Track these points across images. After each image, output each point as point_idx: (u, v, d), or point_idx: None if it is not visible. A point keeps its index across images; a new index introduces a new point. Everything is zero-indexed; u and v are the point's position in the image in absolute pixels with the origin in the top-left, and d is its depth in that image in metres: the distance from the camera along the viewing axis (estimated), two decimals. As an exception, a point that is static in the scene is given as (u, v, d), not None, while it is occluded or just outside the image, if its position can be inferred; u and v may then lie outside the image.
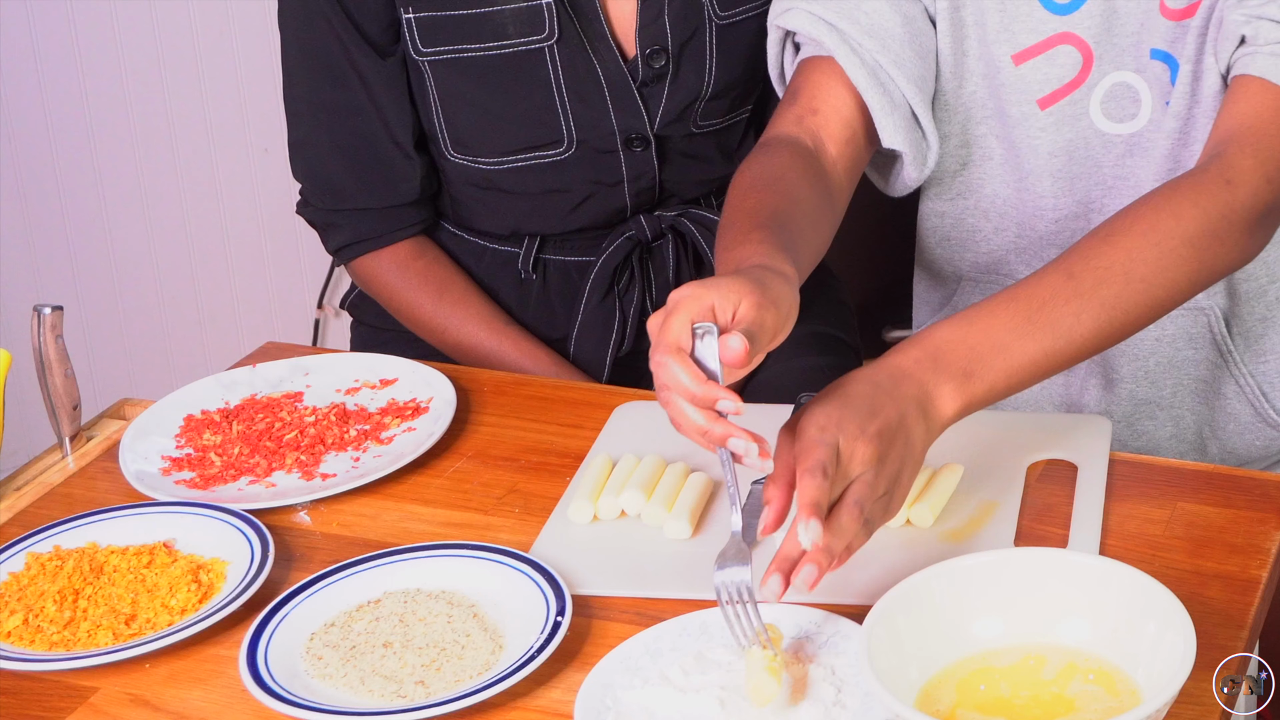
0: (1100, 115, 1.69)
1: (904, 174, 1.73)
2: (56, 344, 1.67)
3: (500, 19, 1.87)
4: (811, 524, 1.27)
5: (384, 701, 1.33)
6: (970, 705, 1.25)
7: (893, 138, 1.68)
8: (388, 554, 1.49)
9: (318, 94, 1.95)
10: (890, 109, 1.68)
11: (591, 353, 2.00)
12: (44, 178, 3.10)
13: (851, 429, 1.32)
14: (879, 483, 1.33)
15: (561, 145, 1.92)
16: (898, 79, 1.68)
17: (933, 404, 1.37)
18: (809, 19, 1.69)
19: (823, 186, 1.65)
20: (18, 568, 1.52)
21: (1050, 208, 1.75)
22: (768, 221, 1.51)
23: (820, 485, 1.29)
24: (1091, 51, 1.68)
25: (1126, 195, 1.71)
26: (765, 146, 1.67)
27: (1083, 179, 1.73)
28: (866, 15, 1.68)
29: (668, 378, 1.33)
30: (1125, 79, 1.67)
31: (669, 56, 1.90)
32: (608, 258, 1.97)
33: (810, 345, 1.99)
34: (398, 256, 1.99)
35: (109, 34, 2.97)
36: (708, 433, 1.33)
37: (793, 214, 1.55)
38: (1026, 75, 1.70)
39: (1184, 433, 1.79)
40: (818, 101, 1.69)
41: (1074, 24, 1.68)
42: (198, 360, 3.11)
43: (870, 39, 1.67)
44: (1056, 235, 1.76)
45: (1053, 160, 1.72)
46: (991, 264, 1.81)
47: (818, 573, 1.28)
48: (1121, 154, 1.70)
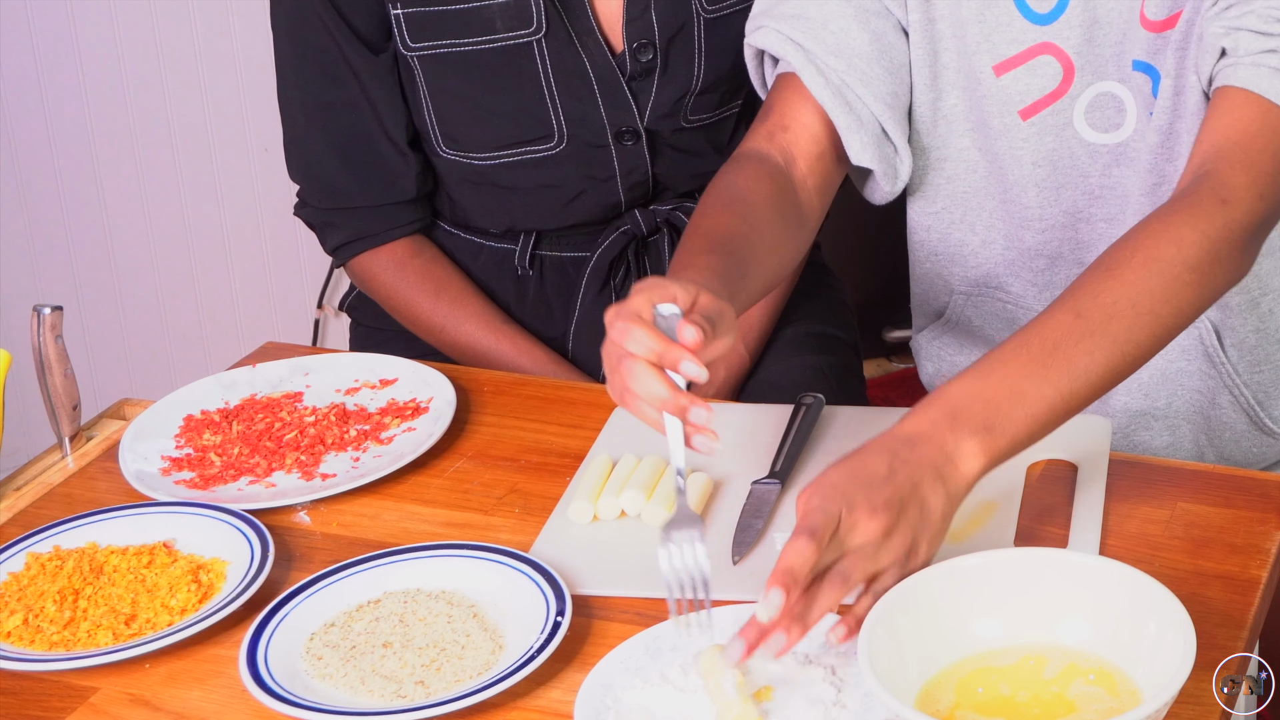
0: (1085, 125, 1.68)
1: (877, 186, 1.73)
2: (56, 344, 1.67)
3: (488, 13, 1.87)
4: (773, 594, 1.24)
5: (384, 701, 1.33)
6: (970, 705, 1.25)
7: (860, 155, 1.69)
8: (388, 554, 1.49)
9: (311, 92, 1.95)
10: (857, 127, 1.68)
11: (589, 348, 2.00)
12: (44, 178, 3.10)
13: (859, 500, 1.29)
14: (881, 556, 1.30)
15: (552, 140, 1.93)
16: (865, 97, 1.68)
17: (954, 466, 1.34)
18: (777, 37, 1.70)
19: (788, 206, 1.65)
20: (18, 568, 1.52)
21: (1036, 218, 1.74)
22: (718, 246, 1.51)
23: (801, 552, 1.26)
24: (1072, 62, 1.67)
25: (1113, 204, 1.70)
26: (736, 161, 1.67)
27: (1069, 188, 1.72)
28: (833, 34, 1.68)
29: (630, 342, 1.32)
30: (1110, 89, 1.67)
31: (657, 50, 1.91)
32: (603, 252, 1.98)
33: (810, 345, 2.00)
34: (395, 255, 1.99)
35: (109, 34, 2.97)
36: (669, 402, 1.32)
37: (749, 238, 1.56)
38: (1008, 86, 1.69)
39: (1180, 442, 1.79)
40: (788, 119, 1.69)
41: (1054, 34, 1.67)
42: (198, 360, 3.11)
43: (836, 58, 1.67)
44: (1044, 246, 1.75)
45: (1037, 170, 1.72)
46: (981, 277, 1.80)
47: (786, 641, 1.26)
48: (1108, 164, 1.70)
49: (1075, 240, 1.74)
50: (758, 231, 1.58)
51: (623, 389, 1.35)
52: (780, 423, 1.63)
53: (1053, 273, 1.76)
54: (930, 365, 1.91)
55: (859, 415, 1.66)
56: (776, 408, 1.65)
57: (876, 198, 1.76)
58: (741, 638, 1.26)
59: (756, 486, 1.54)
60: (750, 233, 1.56)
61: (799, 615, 1.26)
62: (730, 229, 1.55)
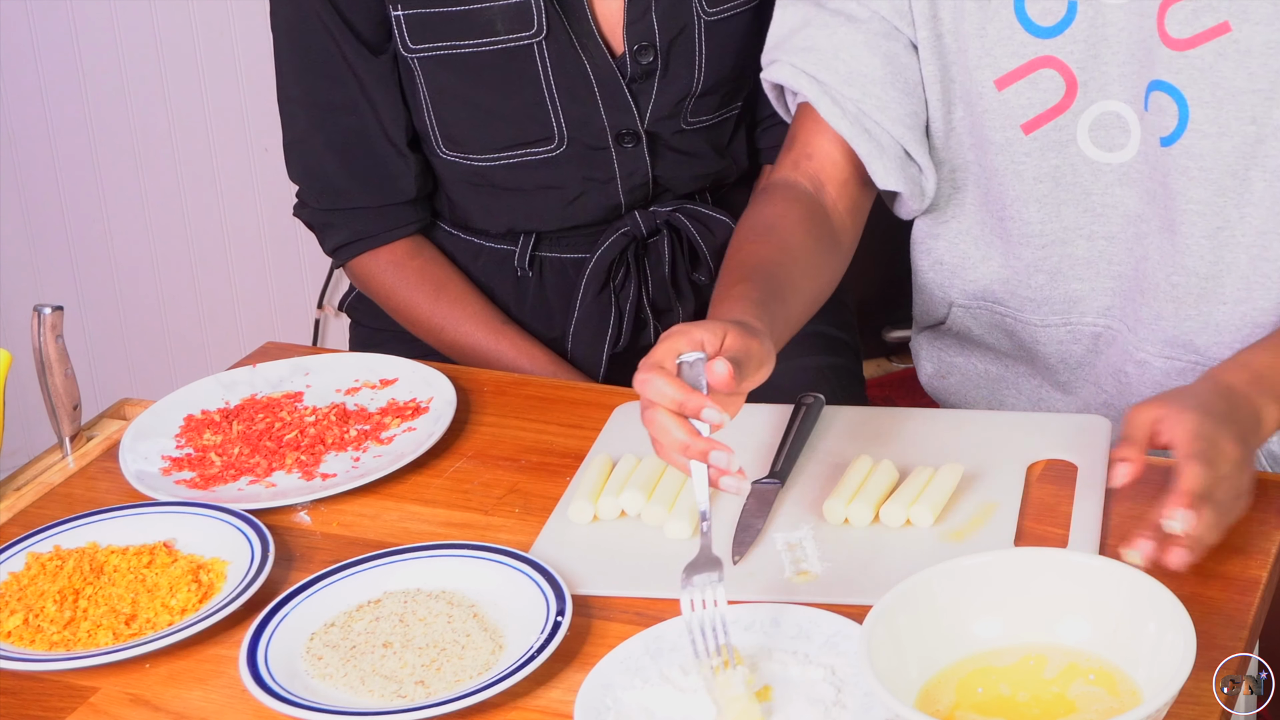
0: (1089, 143, 1.67)
1: (906, 204, 1.75)
2: (56, 344, 1.67)
3: (488, 15, 1.87)
4: (1184, 514, 1.35)
5: (384, 701, 1.33)
6: (970, 705, 1.25)
7: (885, 179, 1.70)
8: (388, 554, 1.49)
9: (311, 93, 1.95)
10: (879, 153, 1.69)
11: (589, 348, 2.00)
12: (44, 178, 3.10)
13: (1221, 432, 1.40)
14: (1240, 481, 1.41)
15: (553, 142, 1.93)
16: (884, 122, 1.69)
17: (1258, 423, 1.46)
18: (791, 71, 1.71)
19: (821, 230, 1.67)
20: (18, 568, 1.52)
21: (1036, 234, 1.73)
22: (752, 274, 1.55)
23: (1200, 476, 1.36)
24: (1075, 77, 1.65)
25: (1115, 223, 1.69)
26: (765, 193, 1.70)
27: (1070, 205, 1.71)
28: (845, 64, 1.68)
29: (651, 392, 1.36)
30: (1114, 108, 1.65)
31: (657, 53, 1.91)
32: (603, 253, 1.97)
33: (810, 345, 1.99)
34: (394, 256, 1.99)
35: (109, 34, 2.97)
36: (688, 448, 1.35)
37: (784, 263, 1.58)
38: (1010, 100, 1.68)
39: None
40: (811, 147, 1.72)
41: (1056, 48, 1.65)
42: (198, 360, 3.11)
43: (850, 87, 1.68)
44: (1043, 261, 1.74)
45: (1039, 185, 1.71)
46: (980, 291, 1.80)
47: (1190, 557, 1.36)
48: (1110, 183, 1.68)
49: (1074, 257, 1.73)
50: (792, 256, 1.60)
51: (653, 441, 1.38)
52: (780, 423, 1.63)
53: (1052, 288, 1.75)
54: (930, 366, 1.91)
55: (859, 415, 1.66)
56: (776, 408, 1.65)
57: (905, 213, 1.77)
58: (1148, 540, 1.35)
59: (756, 486, 1.54)
60: (785, 259, 1.59)
61: (1199, 537, 1.37)
62: (765, 257, 1.58)
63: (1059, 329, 1.77)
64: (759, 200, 1.69)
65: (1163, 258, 1.68)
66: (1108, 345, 1.75)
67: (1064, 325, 1.76)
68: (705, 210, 2.00)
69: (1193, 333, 1.69)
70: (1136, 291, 1.71)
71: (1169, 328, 1.70)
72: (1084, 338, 1.76)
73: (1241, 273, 1.65)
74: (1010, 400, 1.85)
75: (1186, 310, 1.68)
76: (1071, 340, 1.77)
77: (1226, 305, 1.67)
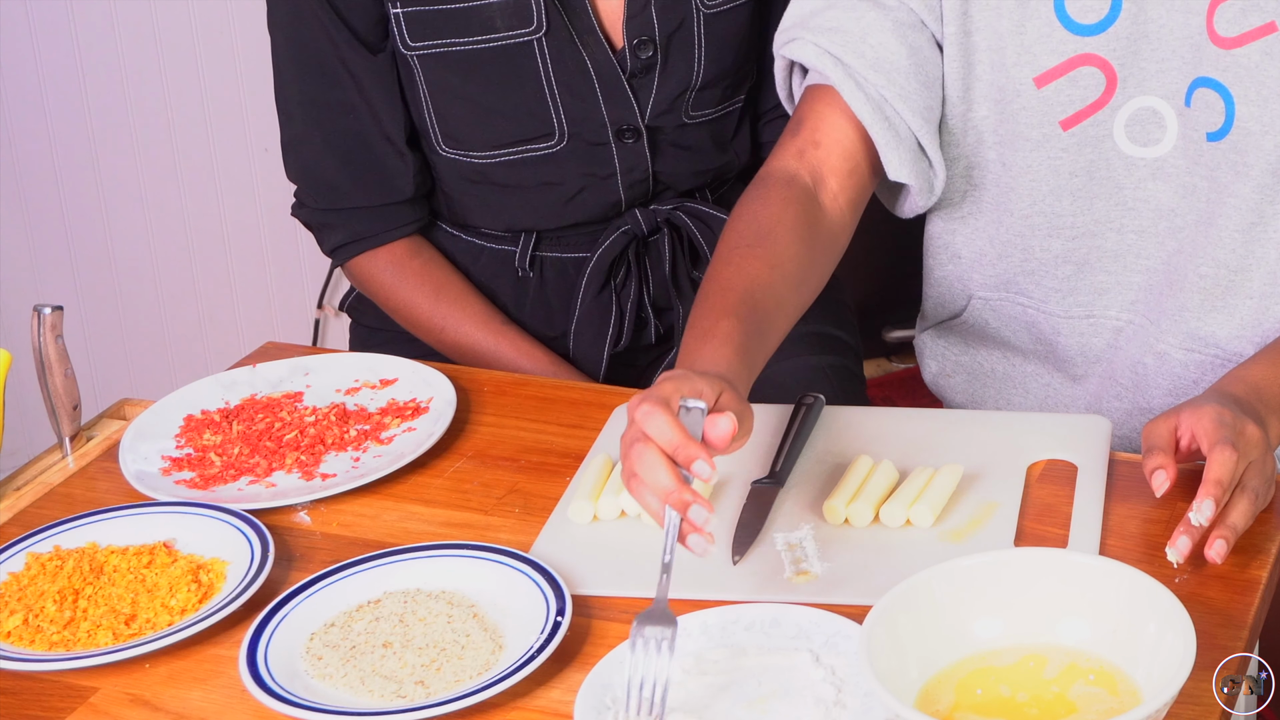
0: (1124, 138, 1.67)
1: (911, 200, 1.73)
2: (56, 344, 1.67)
3: (487, 12, 1.87)
4: (1206, 504, 1.37)
5: (384, 701, 1.33)
6: (970, 706, 1.25)
7: (899, 171, 1.68)
8: (388, 554, 1.49)
9: (309, 93, 1.95)
10: (896, 143, 1.67)
11: (589, 348, 2.00)
12: (44, 178, 3.10)
13: (1242, 417, 1.43)
14: (1267, 465, 1.43)
15: (553, 138, 1.93)
16: (903, 112, 1.67)
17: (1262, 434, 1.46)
18: (814, 51, 1.68)
19: (815, 235, 1.65)
20: (18, 568, 1.52)
21: (1068, 225, 1.73)
22: (737, 307, 1.53)
23: (1228, 463, 1.38)
24: (1115, 73, 1.65)
25: (1146, 217, 1.70)
26: (762, 185, 1.67)
27: (1102, 199, 1.71)
28: (872, 48, 1.67)
29: (652, 427, 1.34)
30: (1150, 103, 1.66)
31: (657, 47, 1.91)
32: (604, 252, 1.97)
33: (810, 345, 1.99)
34: (394, 256, 1.99)
35: (109, 34, 2.97)
36: (671, 495, 1.33)
37: (772, 283, 1.57)
38: (1049, 97, 1.68)
39: None
40: (820, 134, 1.69)
41: (1098, 45, 1.65)
42: (198, 360, 3.11)
43: (875, 73, 1.66)
44: (1072, 253, 1.74)
45: (1074, 180, 1.71)
46: (1003, 282, 1.80)
47: (1227, 547, 1.38)
48: (1143, 177, 1.69)
49: (1102, 249, 1.73)
50: (781, 272, 1.59)
51: (630, 473, 1.35)
52: (780, 423, 1.63)
53: (1078, 279, 1.76)
54: (934, 364, 1.91)
55: (859, 415, 1.66)
56: (776, 407, 1.65)
57: (905, 211, 1.76)
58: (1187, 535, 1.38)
59: (756, 486, 1.54)
60: (774, 277, 1.57)
61: (1232, 525, 1.39)
62: (752, 277, 1.56)
63: (1081, 321, 1.77)
64: (754, 194, 1.66)
65: (1195, 250, 1.68)
66: (1129, 339, 1.75)
67: (1086, 318, 1.77)
68: (706, 209, 2.00)
69: (1215, 325, 1.70)
70: (1164, 284, 1.72)
71: (1192, 319, 1.70)
72: (1105, 330, 1.76)
73: (1270, 268, 1.66)
74: (1017, 397, 1.85)
75: (1212, 303, 1.69)
76: (1093, 333, 1.77)
77: (1252, 300, 1.68)
